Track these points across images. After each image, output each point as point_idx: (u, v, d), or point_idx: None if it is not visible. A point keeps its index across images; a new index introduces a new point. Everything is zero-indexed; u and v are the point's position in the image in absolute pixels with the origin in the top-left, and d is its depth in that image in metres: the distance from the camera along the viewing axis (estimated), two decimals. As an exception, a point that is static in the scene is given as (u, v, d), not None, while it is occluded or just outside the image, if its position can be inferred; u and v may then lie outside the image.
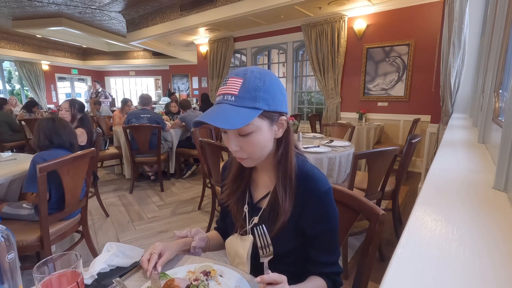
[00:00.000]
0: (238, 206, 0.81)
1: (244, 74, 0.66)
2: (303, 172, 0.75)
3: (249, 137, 0.67)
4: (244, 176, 0.82)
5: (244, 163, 0.74)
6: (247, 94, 0.64)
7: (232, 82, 0.66)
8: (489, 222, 0.57)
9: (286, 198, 0.72)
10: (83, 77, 12.49)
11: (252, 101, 0.64)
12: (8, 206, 1.68)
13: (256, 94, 0.65)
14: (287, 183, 0.73)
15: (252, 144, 0.68)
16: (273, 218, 0.75)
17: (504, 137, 0.72)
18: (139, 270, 0.75)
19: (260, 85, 0.65)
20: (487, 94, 1.40)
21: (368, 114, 4.63)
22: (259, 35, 5.87)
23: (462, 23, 2.20)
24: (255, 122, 0.65)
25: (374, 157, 1.85)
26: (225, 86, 0.66)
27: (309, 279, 0.76)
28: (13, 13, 6.60)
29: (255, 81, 0.65)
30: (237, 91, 0.64)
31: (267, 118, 0.67)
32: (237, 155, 0.71)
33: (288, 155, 0.74)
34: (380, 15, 4.38)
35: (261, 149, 0.70)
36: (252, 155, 0.70)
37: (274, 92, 0.67)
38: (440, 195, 0.72)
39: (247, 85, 0.65)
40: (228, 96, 0.65)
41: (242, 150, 0.69)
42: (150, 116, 3.60)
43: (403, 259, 0.44)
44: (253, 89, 0.65)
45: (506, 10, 1.17)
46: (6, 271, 0.52)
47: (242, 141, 0.68)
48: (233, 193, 0.82)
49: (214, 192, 2.41)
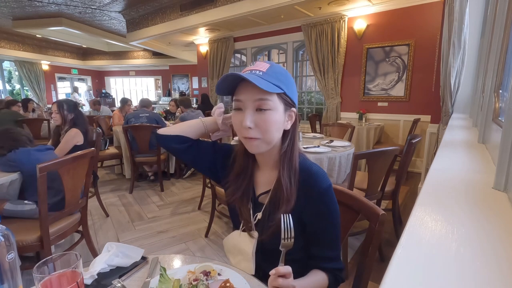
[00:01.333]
0: (243, 202, 0.82)
1: (271, 62, 0.73)
2: (304, 168, 0.76)
3: (266, 114, 0.69)
4: (247, 171, 0.83)
5: (254, 145, 0.72)
6: (273, 74, 0.70)
7: (260, 63, 0.72)
8: (489, 222, 0.57)
9: (291, 186, 0.74)
10: (83, 77, 12.50)
11: (277, 80, 0.70)
12: (10, 203, 1.68)
13: (281, 77, 0.71)
14: (292, 174, 0.75)
15: (268, 121, 0.69)
16: (275, 210, 0.76)
17: (504, 137, 0.72)
18: (139, 270, 0.75)
19: (284, 73, 0.73)
20: (487, 94, 1.40)
21: (368, 114, 4.63)
22: (259, 35, 5.87)
23: (462, 23, 2.20)
24: (275, 100, 0.70)
25: (374, 157, 1.85)
26: (252, 66, 0.72)
27: (311, 272, 0.78)
28: (13, 13, 6.60)
29: (279, 68, 0.73)
30: (266, 69, 0.70)
31: (283, 101, 0.72)
32: (249, 134, 0.70)
33: (293, 147, 0.77)
34: (380, 15, 4.38)
35: (274, 130, 0.71)
36: (265, 134, 0.70)
37: (292, 84, 0.74)
38: (440, 195, 0.72)
39: (273, 69, 0.71)
40: (256, 71, 0.70)
41: (256, 127, 0.70)
42: (149, 116, 3.60)
43: (403, 259, 0.44)
44: (279, 73, 0.71)
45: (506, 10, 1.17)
46: (6, 271, 0.52)
47: (258, 117, 0.69)
48: (237, 189, 0.83)
49: (214, 192, 2.41)
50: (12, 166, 1.69)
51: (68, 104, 2.38)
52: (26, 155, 1.72)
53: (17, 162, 1.69)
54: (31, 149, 1.78)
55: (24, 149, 1.74)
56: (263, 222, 0.78)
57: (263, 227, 0.78)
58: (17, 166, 1.70)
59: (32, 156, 1.73)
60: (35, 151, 1.78)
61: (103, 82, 13.17)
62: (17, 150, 1.72)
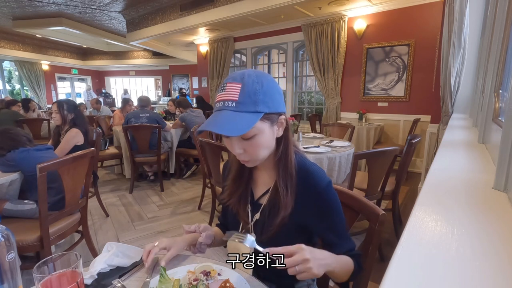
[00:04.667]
0: (241, 204, 0.82)
1: (242, 79, 0.66)
2: (302, 169, 0.76)
3: (252, 140, 0.68)
4: (244, 175, 0.83)
5: (248, 164, 0.75)
6: (247, 99, 0.65)
7: (230, 87, 0.66)
8: (489, 222, 0.57)
9: (288, 193, 0.74)
10: (83, 77, 12.50)
11: (253, 105, 0.65)
12: (11, 203, 1.69)
13: (256, 98, 0.65)
14: (288, 179, 0.74)
15: (256, 146, 0.69)
16: (273, 214, 0.76)
17: (504, 137, 0.72)
18: (139, 270, 0.75)
19: (259, 88, 0.66)
20: (487, 94, 1.40)
21: (368, 114, 4.63)
22: (259, 35, 5.87)
23: (462, 23, 2.20)
24: (257, 125, 0.66)
25: (374, 157, 1.85)
26: (224, 92, 0.66)
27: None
28: (13, 13, 6.60)
29: (253, 85, 0.65)
30: (237, 96, 0.65)
31: (268, 120, 0.69)
32: (240, 158, 0.72)
33: (288, 152, 0.75)
34: (380, 15, 4.38)
35: (264, 150, 0.71)
36: (256, 156, 0.71)
37: (273, 94, 0.68)
38: (440, 195, 0.72)
39: (246, 90, 0.65)
40: (228, 102, 0.65)
41: (246, 152, 0.70)
42: (150, 116, 3.59)
43: (403, 259, 0.44)
44: (252, 93, 0.65)
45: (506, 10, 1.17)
46: (6, 271, 0.52)
47: (246, 144, 0.69)
48: (234, 192, 0.83)
49: (214, 192, 2.41)
50: (11, 166, 1.69)
51: (69, 104, 2.39)
52: (26, 155, 1.72)
53: (17, 162, 1.69)
54: (30, 149, 1.78)
55: (23, 149, 1.74)
56: (262, 222, 0.79)
57: (262, 228, 0.78)
58: (16, 166, 1.70)
59: (32, 156, 1.73)
60: (34, 150, 1.79)
61: (103, 82, 13.17)
62: (16, 150, 1.72)
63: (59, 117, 2.34)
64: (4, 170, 1.70)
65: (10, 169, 1.70)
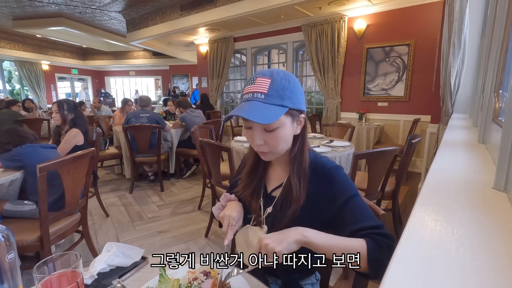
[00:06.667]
0: (254, 197, 0.84)
1: (271, 75, 0.71)
2: (313, 162, 0.80)
3: (274, 132, 0.72)
4: (259, 169, 0.86)
5: (266, 157, 0.78)
6: (275, 93, 0.70)
7: (260, 81, 0.71)
8: (489, 222, 0.57)
9: (300, 187, 0.76)
10: (83, 77, 12.50)
11: (279, 99, 0.70)
12: (10, 204, 1.69)
13: (283, 93, 0.70)
14: (301, 175, 0.77)
15: (277, 138, 0.73)
16: (285, 207, 0.78)
17: (504, 137, 0.72)
18: (139, 270, 0.75)
19: (286, 85, 0.71)
20: (487, 94, 1.40)
21: (368, 114, 4.63)
22: (259, 35, 5.86)
23: (462, 23, 2.20)
24: (282, 118, 0.70)
25: (374, 157, 1.85)
26: (253, 85, 0.71)
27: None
28: (13, 13, 6.60)
29: (281, 81, 0.71)
30: (267, 89, 0.70)
31: (290, 115, 0.73)
32: (260, 149, 0.76)
33: (303, 150, 0.79)
34: (380, 15, 4.38)
35: (283, 143, 0.75)
36: (275, 149, 0.75)
37: (297, 92, 0.73)
38: (440, 195, 0.72)
39: (275, 85, 0.70)
40: (257, 94, 0.70)
41: (266, 144, 0.74)
42: (150, 116, 3.59)
43: (403, 259, 0.44)
44: (280, 89, 0.70)
45: (506, 10, 1.17)
46: (6, 271, 0.52)
47: (268, 136, 0.73)
48: (248, 185, 0.85)
49: (214, 192, 2.41)
50: (16, 160, 1.69)
51: (69, 104, 2.39)
52: (31, 150, 1.74)
53: (22, 156, 1.69)
54: (36, 145, 1.80)
55: (30, 145, 1.76)
56: (274, 216, 0.80)
57: (274, 221, 0.79)
58: (21, 160, 1.69)
59: (37, 152, 1.75)
60: (40, 147, 1.81)
61: (103, 82, 13.17)
62: (23, 145, 1.73)
63: (59, 117, 2.34)
64: (8, 165, 1.70)
65: (14, 165, 1.70)
